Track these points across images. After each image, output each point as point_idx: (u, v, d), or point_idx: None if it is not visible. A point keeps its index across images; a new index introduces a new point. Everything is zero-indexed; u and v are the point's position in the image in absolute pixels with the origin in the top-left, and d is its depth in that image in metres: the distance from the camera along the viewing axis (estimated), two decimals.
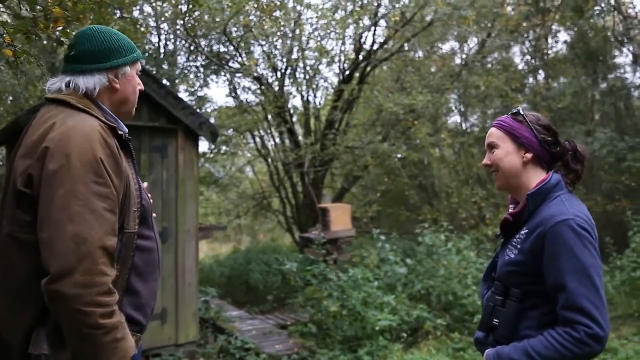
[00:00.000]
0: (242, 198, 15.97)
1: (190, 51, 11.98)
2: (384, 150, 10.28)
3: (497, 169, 2.05)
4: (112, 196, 1.61)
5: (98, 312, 1.52)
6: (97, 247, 1.53)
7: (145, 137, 6.09)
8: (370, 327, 6.40)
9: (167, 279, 6.12)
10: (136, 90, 1.92)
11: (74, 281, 1.49)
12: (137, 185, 1.77)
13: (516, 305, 1.93)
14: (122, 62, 1.83)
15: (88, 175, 1.56)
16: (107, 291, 1.55)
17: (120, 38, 1.85)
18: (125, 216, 1.70)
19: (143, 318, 1.81)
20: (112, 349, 1.56)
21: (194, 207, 6.39)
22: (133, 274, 1.75)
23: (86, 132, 1.62)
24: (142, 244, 1.78)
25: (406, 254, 8.96)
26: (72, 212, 1.53)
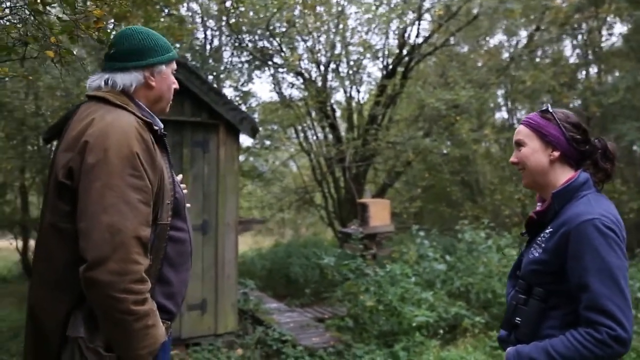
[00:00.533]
0: (285, 192, 16.12)
1: (235, 47, 12.15)
2: (426, 146, 10.19)
3: (524, 167, 2.04)
4: (147, 189, 1.69)
5: (130, 299, 1.60)
6: (131, 237, 1.62)
7: (188, 132, 6.23)
8: (407, 323, 6.37)
9: (207, 270, 6.28)
10: (171, 88, 2.01)
11: (109, 269, 1.58)
12: (171, 178, 1.86)
13: (539, 304, 1.91)
14: (158, 61, 1.92)
15: (125, 169, 1.65)
16: (140, 279, 1.63)
17: (157, 38, 1.95)
18: (159, 208, 1.79)
19: (174, 306, 1.89)
20: (143, 335, 1.65)
21: (234, 200, 6.51)
22: (165, 264, 1.84)
23: (123, 127, 1.71)
24: (174, 235, 1.87)
25: (447, 250, 8.88)
26: (108, 203, 1.62)
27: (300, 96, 12.89)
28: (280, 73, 12.48)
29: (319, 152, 12.76)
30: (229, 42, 12.38)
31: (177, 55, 2.02)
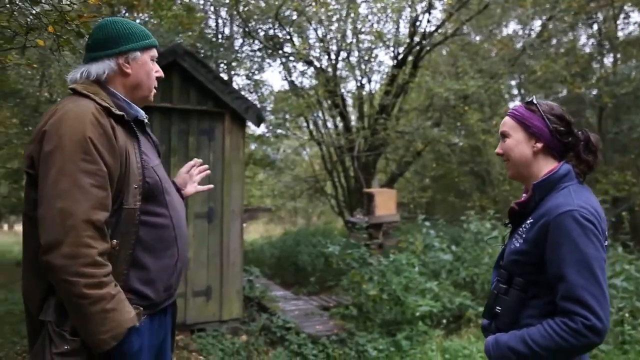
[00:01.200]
0: (295, 181, 16.18)
1: (246, 35, 12.17)
2: (434, 136, 10.15)
3: (509, 158, 2.05)
4: (102, 172, 1.70)
5: (82, 282, 1.61)
6: (81, 221, 1.63)
7: (194, 120, 6.29)
8: (411, 313, 6.41)
9: (212, 257, 6.35)
10: (150, 76, 1.99)
11: (62, 253, 1.61)
12: (140, 163, 1.84)
13: (519, 294, 1.93)
14: (131, 47, 1.92)
15: (77, 154, 1.67)
16: (92, 263, 1.64)
17: (132, 26, 1.95)
18: (125, 192, 1.78)
19: (152, 292, 1.87)
20: (101, 319, 1.65)
21: (239, 188, 6.56)
22: (140, 248, 1.82)
23: (77, 114, 1.72)
24: (148, 220, 1.85)
25: (455, 241, 8.88)
26: (61, 188, 1.64)
27: (311, 85, 12.91)
28: (291, 62, 12.48)
29: (329, 141, 12.77)
30: (240, 30, 12.41)
31: (156, 42, 2.01)
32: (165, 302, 1.99)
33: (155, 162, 1.96)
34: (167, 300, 2.00)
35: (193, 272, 6.19)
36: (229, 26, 12.78)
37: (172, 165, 6.03)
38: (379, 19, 12.05)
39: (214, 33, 12.55)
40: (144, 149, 1.91)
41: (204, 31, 11.82)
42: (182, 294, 6.03)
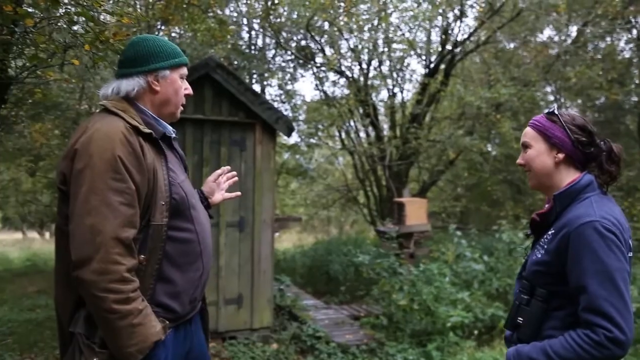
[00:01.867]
0: (328, 190, 16.23)
1: (278, 46, 12.33)
2: (466, 145, 10.07)
3: (530, 169, 2.05)
4: (130, 191, 1.75)
5: (111, 298, 1.68)
6: (110, 238, 1.69)
7: (225, 131, 6.40)
8: (442, 323, 6.36)
9: (244, 266, 6.44)
10: (179, 93, 2.04)
11: (91, 269, 1.67)
12: (167, 179, 1.89)
13: (541, 305, 1.92)
14: (160, 66, 1.97)
15: (107, 173, 1.72)
16: (121, 279, 1.69)
17: (162, 44, 2.01)
18: (152, 209, 1.83)
19: (178, 306, 1.92)
20: (129, 333, 1.70)
21: (270, 198, 6.64)
22: (166, 263, 1.87)
23: (108, 133, 1.78)
24: (175, 235, 1.89)
25: (488, 250, 8.77)
26: (91, 206, 1.70)
27: (343, 94, 12.98)
28: (322, 72, 12.58)
29: (360, 151, 12.79)
30: (272, 42, 12.58)
31: (186, 60, 2.07)
32: (190, 314, 2.04)
33: (181, 178, 2.00)
34: (191, 312, 2.04)
35: (225, 281, 6.28)
36: (261, 38, 12.99)
37: (204, 175, 6.15)
38: (410, 27, 12.06)
39: (247, 45, 12.76)
40: (171, 165, 1.95)
41: (237, 43, 12.04)
42: (214, 302, 6.13)
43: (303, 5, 9.25)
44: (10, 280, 12.35)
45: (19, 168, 12.02)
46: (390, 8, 11.50)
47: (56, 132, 10.23)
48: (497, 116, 10.23)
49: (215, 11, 8.74)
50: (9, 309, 8.97)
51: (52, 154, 10.65)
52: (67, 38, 2.81)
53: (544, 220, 2.00)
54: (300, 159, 15.50)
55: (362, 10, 10.65)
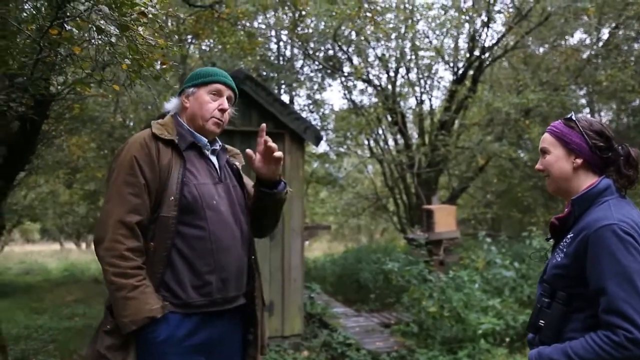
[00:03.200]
0: (358, 198, 16.28)
1: (306, 56, 12.50)
2: (495, 151, 10.03)
3: (549, 174, 2.10)
4: (139, 184, 2.08)
5: (111, 271, 2.00)
6: (116, 221, 2.03)
7: (255, 141, 6.49)
8: (472, 330, 6.35)
9: (274, 274, 6.55)
10: (204, 107, 2.28)
11: (104, 246, 2.04)
12: (180, 180, 2.14)
13: (562, 307, 1.96)
14: (187, 85, 2.33)
15: (124, 169, 2.10)
16: (121, 256, 2.00)
17: (199, 70, 2.37)
18: (162, 202, 2.11)
19: (182, 292, 2.11)
20: (123, 305, 1.99)
21: (299, 207, 6.75)
22: (175, 253, 2.11)
23: (133, 140, 2.18)
24: (185, 231, 2.13)
25: (520, 257, 8.70)
26: (109, 195, 2.11)
27: (371, 103, 13.06)
28: (350, 81, 12.70)
29: (389, 159, 12.83)
30: (300, 52, 12.76)
31: (216, 79, 2.31)
32: (209, 307, 2.16)
33: (202, 181, 2.20)
34: (209, 305, 2.16)
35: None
36: (289, 48, 13.19)
37: None
38: (437, 35, 12.09)
39: (275, 56, 12.97)
40: (191, 169, 2.20)
41: (266, 54, 12.25)
42: None
43: (330, 15, 9.38)
44: (50, 290, 12.73)
45: (57, 180, 12.40)
46: (417, 16, 11.58)
47: (92, 145, 10.56)
48: (526, 122, 10.17)
49: (244, 24, 8.94)
50: (49, 317, 9.27)
51: (88, 166, 10.99)
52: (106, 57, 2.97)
53: (563, 224, 2.05)
54: (329, 168, 15.61)
55: (389, 19, 10.74)
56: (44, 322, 8.73)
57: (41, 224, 23.23)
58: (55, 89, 3.72)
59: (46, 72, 3.04)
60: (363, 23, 9.25)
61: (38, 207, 14.80)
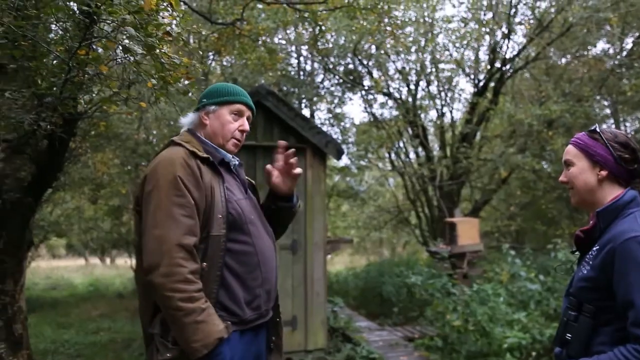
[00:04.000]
0: (379, 212, 16.23)
1: (326, 71, 12.58)
2: (518, 163, 9.94)
3: (573, 186, 2.08)
4: (190, 204, 2.02)
5: (177, 297, 1.91)
6: (174, 245, 1.95)
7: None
8: (497, 344, 6.26)
9: (297, 288, 6.56)
10: (225, 127, 2.28)
11: (160, 272, 1.93)
12: (224, 197, 2.13)
13: (589, 321, 1.94)
14: (207, 102, 2.29)
15: (170, 191, 2.01)
16: (185, 280, 1.93)
17: (220, 87, 2.32)
18: (211, 221, 2.08)
19: (238, 309, 2.11)
20: (194, 329, 1.92)
21: (321, 221, 6.77)
22: (227, 271, 2.09)
23: (170, 158, 2.09)
24: (234, 247, 2.12)
25: (545, 270, 8.58)
26: (157, 220, 1.99)
27: (391, 116, 13.07)
28: (370, 94, 12.74)
29: (410, 171, 12.80)
30: (320, 67, 12.85)
31: (240, 100, 2.31)
32: (257, 321, 2.20)
33: (238, 197, 2.21)
34: (258, 319, 2.20)
35: (279, 302, 6.39)
36: (309, 63, 13.29)
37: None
38: (457, 47, 12.09)
39: (296, 70, 13.08)
40: (228, 185, 2.19)
41: (287, 69, 12.36)
42: None
43: (350, 30, 9.45)
44: (76, 305, 12.91)
45: (82, 196, 12.61)
46: (437, 29, 11.59)
47: (116, 161, 10.73)
48: (549, 133, 10.07)
49: (264, 40, 9.04)
50: (76, 332, 9.39)
51: (112, 182, 11.17)
52: (132, 75, 3.04)
53: (589, 236, 2.03)
54: (350, 181, 15.61)
55: (409, 32, 10.77)
56: (70, 337, 8.85)
57: (67, 240, 23.58)
58: (82, 108, 3.81)
59: (74, 91, 3.12)
60: (383, 37, 9.29)
61: (64, 223, 15.04)
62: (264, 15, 8.86)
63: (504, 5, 11.11)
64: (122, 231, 15.43)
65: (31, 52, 2.96)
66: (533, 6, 10.91)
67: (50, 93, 3.16)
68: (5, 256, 4.38)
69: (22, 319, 4.61)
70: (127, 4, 2.70)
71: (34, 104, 3.52)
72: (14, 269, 4.49)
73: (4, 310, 4.41)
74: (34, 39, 2.79)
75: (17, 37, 2.72)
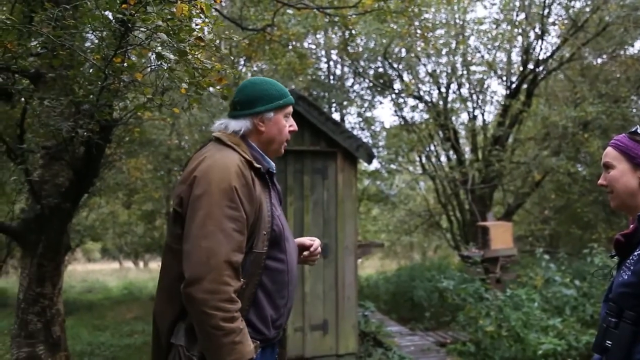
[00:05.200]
0: (410, 215, 16.13)
1: (356, 74, 12.58)
2: (552, 166, 9.76)
3: (613, 190, 2.03)
4: (242, 219, 1.90)
5: (220, 316, 1.82)
6: (223, 261, 1.84)
7: (308, 160, 6.62)
8: (532, 351, 6.15)
9: (328, 292, 6.55)
10: (282, 132, 2.18)
11: (203, 288, 1.82)
12: (270, 212, 2.03)
13: (630, 327, 1.89)
14: (264, 109, 2.12)
15: (223, 201, 1.88)
16: (229, 299, 1.84)
17: (267, 88, 2.16)
18: (255, 238, 1.97)
19: (266, 329, 2.05)
20: (230, 350, 1.84)
21: (352, 224, 6.75)
22: (260, 290, 2.01)
23: (226, 164, 1.94)
24: (271, 265, 2.03)
25: (581, 275, 8.40)
26: (207, 230, 1.86)
27: (422, 119, 12.99)
28: (401, 98, 12.68)
29: (442, 175, 12.69)
30: (350, 71, 12.86)
31: (291, 100, 2.20)
32: (276, 339, 2.16)
33: (279, 211, 2.14)
34: (277, 337, 2.17)
35: (310, 306, 6.42)
36: (339, 67, 13.31)
37: (288, 203, 6.37)
38: (489, 49, 11.95)
39: (326, 75, 13.11)
40: (273, 199, 2.10)
41: (317, 74, 12.41)
42: (300, 328, 6.28)
43: (380, 34, 9.43)
44: (110, 308, 13.15)
45: (117, 201, 12.87)
46: (468, 31, 11.48)
47: (149, 167, 10.93)
48: (585, 135, 9.87)
49: (294, 45, 9.10)
50: (111, 334, 9.57)
51: (145, 188, 11.37)
52: (166, 82, 3.09)
53: (629, 241, 1.98)
54: (381, 185, 15.54)
55: (439, 35, 10.70)
56: (106, 339, 9.01)
57: (102, 244, 24.06)
58: (117, 114, 3.89)
59: (110, 98, 3.18)
60: (413, 40, 9.25)
61: (99, 228, 15.36)
62: (294, 21, 8.92)
63: (537, 5, 10.95)
64: (155, 235, 15.70)
65: (69, 61, 3.03)
66: (567, 6, 10.72)
67: (87, 100, 3.23)
68: (44, 260, 4.50)
69: (60, 321, 4.72)
70: (160, 12, 2.74)
71: (71, 112, 3.61)
72: (53, 272, 4.60)
73: (42, 313, 4.52)
74: (72, 48, 2.86)
75: (55, 47, 2.79)
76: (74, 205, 4.68)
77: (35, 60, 3.40)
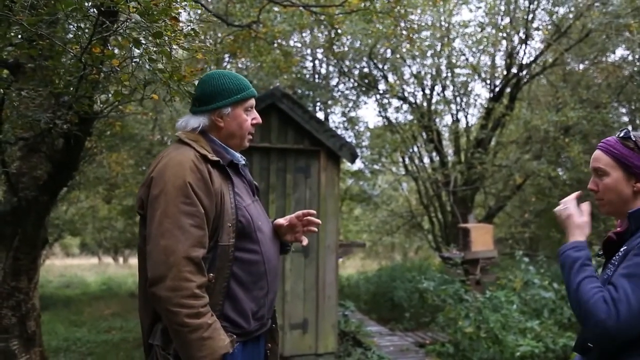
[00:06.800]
0: (392, 216, 16.17)
1: (341, 74, 12.58)
2: (533, 169, 9.85)
3: (604, 197, 2.01)
4: (199, 214, 1.89)
5: (184, 313, 1.80)
6: (182, 258, 1.83)
7: (291, 158, 6.59)
8: (510, 352, 6.19)
9: (309, 291, 6.54)
10: (243, 126, 2.16)
11: (165, 286, 1.81)
12: (234, 203, 2.01)
13: None
14: (222, 104, 2.10)
15: (178, 198, 1.87)
16: (192, 295, 1.82)
17: (227, 81, 2.13)
18: (220, 231, 1.95)
19: (244, 322, 2.03)
20: (199, 346, 1.83)
21: (334, 224, 6.74)
22: (233, 282, 1.99)
23: (180, 161, 1.93)
24: (242, 256, 2.01)
25: (560, 278, 8.48)
26: (164, 228, 1.85)
27: (406, 120, 13.03)
28: (385, 98, 12.70)
29: (424, 176, 12.74)
30: (335, 70, 12.85)
31: (251, 93, 2.17)
32: (259, 331, 2.13)
33: (247, 202, 2.10)
34: (260, 329, 2.14)
35: (290, 305, 6.40)
36: (325, 66, 13.29)
37: (269, 201, 6.35)
38: (474, 52, 12.03)
39: (311, 74, 13.09)
40: (238, 190, 2.07)
41: (302, 72, 12.37)
42: (280, 327, 6.24)
43: (366, 34, 9.43)
44: (88, 303, 13.00)
45: (97, 196, 12.71)
46: (453, 34, 11.54)
47: (130, 162, 10.80)
48: (565, 140, 9.97)
49: (280, 43, 9.05)
50: (88, 330, 9.45)
51: (126, 183, 11.24)
52: (147, 75, 3.04)
53: (620, 239, 1.97)
54: (364, 185, 15.56)
55: (425, 37, 10.73)
56: (83, 335, 8.90)
57: (81, 239, 23.80)
58: (98, 107, 3.83)
59: (89, 90, 3.13)
60: (399, 41, 9.27)
61: (78, 222, 15.19)
62: (280, 18, 8.87)
63: (522, 10, 11.05)
64: (136, 231, 15.52)
65: (48, 51, 2.97)
66: (551, 11, 10.83)
67: (66, 92, 3.17)
68: (20, 254, 4.42)
69: (36, 316, 4.64)
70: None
71: (50, 103, 3.54)
72: (29, 266, 4.52)
73: (17, 307, 4.44)
74: (50, 38, 2.79)
75: (32, 36, 2.72)
76: (52, 199, 4.60)
77: (15, 50, 3.33)
